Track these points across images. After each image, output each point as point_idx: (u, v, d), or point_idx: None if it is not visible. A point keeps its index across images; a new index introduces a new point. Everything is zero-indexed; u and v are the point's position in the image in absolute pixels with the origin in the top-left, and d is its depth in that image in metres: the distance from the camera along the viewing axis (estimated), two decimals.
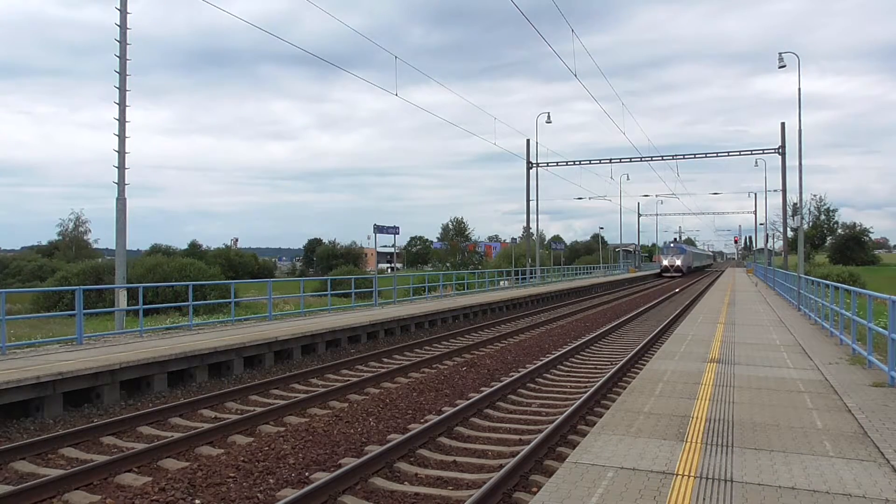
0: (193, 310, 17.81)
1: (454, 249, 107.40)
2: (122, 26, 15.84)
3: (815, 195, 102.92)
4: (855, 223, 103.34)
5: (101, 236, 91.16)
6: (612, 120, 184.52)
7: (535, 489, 6.45)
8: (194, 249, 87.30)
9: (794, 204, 42.91)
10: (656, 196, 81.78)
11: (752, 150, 40.15)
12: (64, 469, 7.28)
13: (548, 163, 43.62)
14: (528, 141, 42.89)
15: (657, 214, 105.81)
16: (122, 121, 15.74)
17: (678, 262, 78.91)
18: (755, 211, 73.43)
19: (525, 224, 44.64)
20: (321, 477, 6.85)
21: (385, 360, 15.20)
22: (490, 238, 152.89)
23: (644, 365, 12.23)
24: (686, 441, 6.19)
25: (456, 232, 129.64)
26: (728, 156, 41.66)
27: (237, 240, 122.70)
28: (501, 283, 44.67)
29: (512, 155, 69.31)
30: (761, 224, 76.37)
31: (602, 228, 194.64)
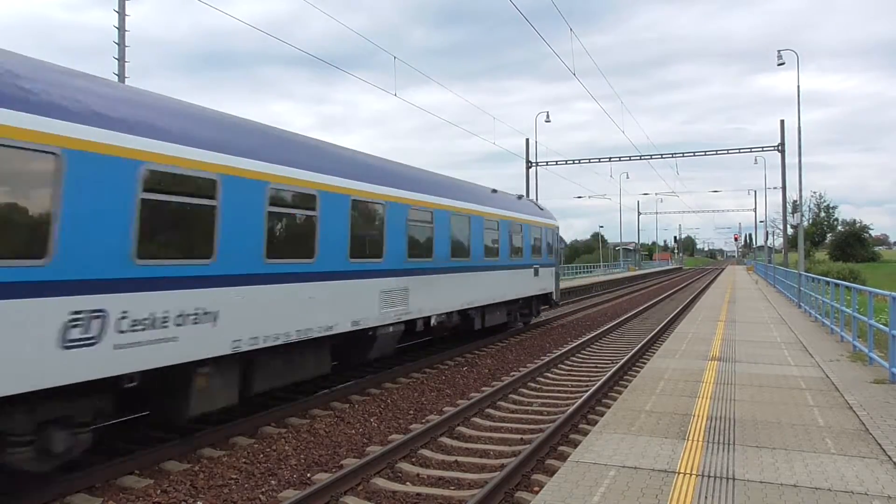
0: None
1: None
2: (121, 28, 15.85)
3: (814, 192, 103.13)
4: (855, 220, 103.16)
5: None
6: (611, 119, 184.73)
7: (536, 489, 6.45)
8: None
9: (794, 201, 42.85)
10: (656, 194, 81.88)
11: (751, 148, 40.05)
12: (65, 470, 7.26)
13: (547, 162, 43.60)
14: (527, 140, 42.81)
15: (657, 213, 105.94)
16: None
17: None
18: (755, 208, 73.45)
19: None
20: (323, 478, 6.85)
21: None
22: None
23: (645, 363, 12.22)
24: (688, 439, 6.19)
25: None
26: (728, 153, 41.61)
27: None
28: None
29: (512, 154, 69.31)
30: (761, 221, 76.26)
31: (602, 227, 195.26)
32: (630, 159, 43.84)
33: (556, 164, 43.84)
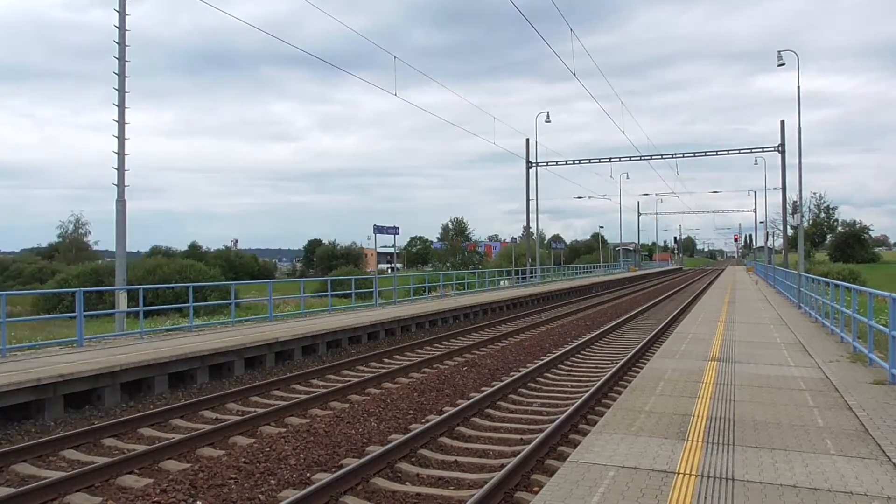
0: (194, 311, 17.80)
1: (454, 249, 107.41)
2: (121, 28, 15.85)
3: (814, 193, 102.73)
4: (855, 221, 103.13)
5: (104, 238, 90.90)
6: (611, 119, 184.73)
7: (536, 489, 6.45)
8: (194, 251, 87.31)
9: (794, 202, 42.86)
10: (656, 195, 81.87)
11: (752, 149, 40.10)
12: (65, 471, 7.27)
13: (547, 162, 43.64)
14: (527, 140, 42.89)
15: (657, 213, 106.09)
16: (121, 123, 15.74)
17: None
18: (755, 209, 73.26)
19: (525, 223, 44.63)
20: (323, 477, 6.85)
21: (386, 360, 15.19)
22: (490, 238, 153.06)
23: (645, 364, 12.21)
24: (687, 440, 6.18)
25: (456, 232, 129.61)
26: (728, 154, 41.63)
27: (237, 241, 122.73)
28: (502, 282, 44.68)
29: (512, 155, 69.10)
30: (761, 222, 75.93)
31: (602, 227, 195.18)
32: (630, 160, 43.90)
33: (557, 164, 43.84)
